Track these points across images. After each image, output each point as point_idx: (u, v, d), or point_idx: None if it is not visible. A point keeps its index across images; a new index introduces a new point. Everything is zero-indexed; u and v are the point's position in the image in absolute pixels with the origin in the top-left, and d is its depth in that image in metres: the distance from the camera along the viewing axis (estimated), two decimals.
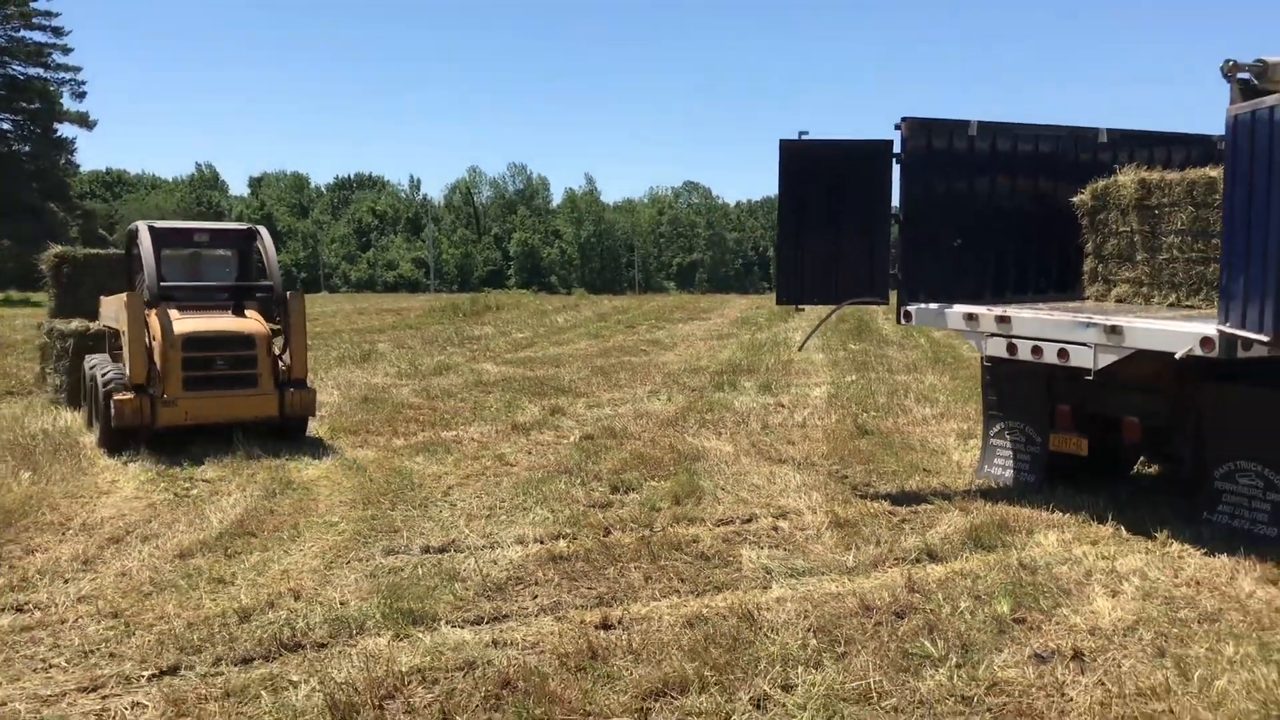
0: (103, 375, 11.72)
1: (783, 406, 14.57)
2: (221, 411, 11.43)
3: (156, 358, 11.27)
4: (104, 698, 5.15)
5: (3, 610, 6.40)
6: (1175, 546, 7.69)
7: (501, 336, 26.64)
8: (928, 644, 5.74)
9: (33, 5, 56.86)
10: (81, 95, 59.32)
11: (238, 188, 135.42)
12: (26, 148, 58.29)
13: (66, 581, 6.98)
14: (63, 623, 6.21)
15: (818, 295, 10.30)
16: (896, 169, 10.03)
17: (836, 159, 10.00)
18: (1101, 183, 9.89)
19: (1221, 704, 4.98)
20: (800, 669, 5.41)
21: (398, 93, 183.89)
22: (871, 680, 5.28)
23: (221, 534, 8.03)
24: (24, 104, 57.09)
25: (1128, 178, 9.59)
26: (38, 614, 6.38)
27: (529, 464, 10.80)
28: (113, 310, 12.82)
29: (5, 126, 58.49)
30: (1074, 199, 10.09)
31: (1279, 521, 7.79)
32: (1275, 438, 7.86)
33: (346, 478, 10.04)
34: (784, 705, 5.03)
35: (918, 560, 7.44)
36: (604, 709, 4.98)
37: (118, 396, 11.04)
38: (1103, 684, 5.28)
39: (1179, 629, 6.04)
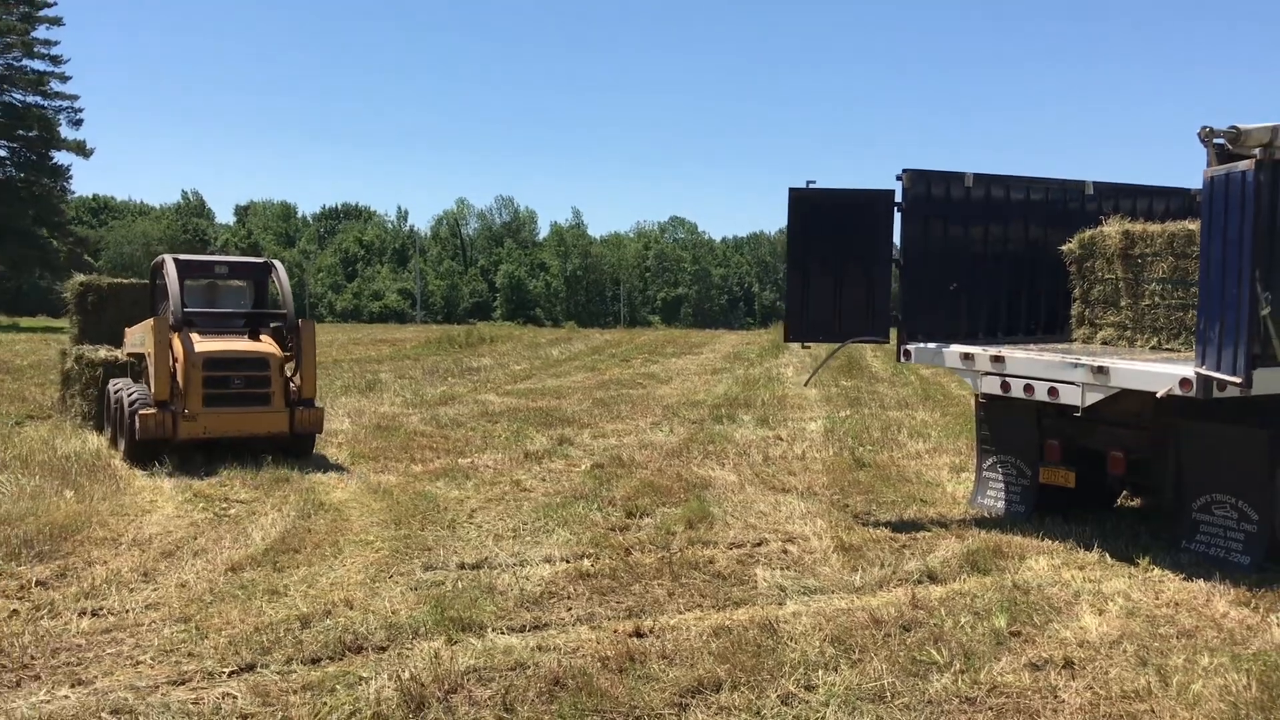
0: (128, 394, 12.79)
1: (781, 439, 15.17)
2: (236, 426, 12.51)
3: (179, 377, 12.18)
4: (194, 689, 5.68)
5: (81, 614, 6.91)
6: (1156, 571, 8.31)
7: (500, 368, 27.21)
8: (933, 652, 6.34)
9: (33, 35, 57.44)
10: (78, 123, 59.83)
11: (224, 216, 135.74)
12: (23, 174, 58.68)
13: (131, 590, 7.49)
14: (138, 626, 6.73)
15: (823, 334, 10.94)
16: (897, 216, 10.73)
17: (841, 206, 10.67)
18: (1088, 233, 10.58)
19: (1197, 705, 5.58)
20: (820, 672, 5.99)
21: (386, 124, 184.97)
22: (885, 682, 5.86)
23: (267, 550, 8.55)
24: (22, 131, 57.59)
25: (1113, 229, 10.28)
26: (112, 618, 6.90)
27: (545, 490, 11.36)
28: (138, 336, 13.82)
29: (2, 153, 58.96)
30: (1063, 247, 10.78)
31: (1251, 550, 8.42)
32: (1248, 473, 8.50)
33: (374, 500, 10.57)
34: (808, 703, 5.61)
35: (920, 581, 8.02)
36: (648, 704, 5.54)
37: (142, 411, 12.08)
38: (1091, 688, 5.88)
39: (1160, 643, 6.64)
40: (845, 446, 14.42)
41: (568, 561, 8.43)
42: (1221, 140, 7.80)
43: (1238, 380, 7.40)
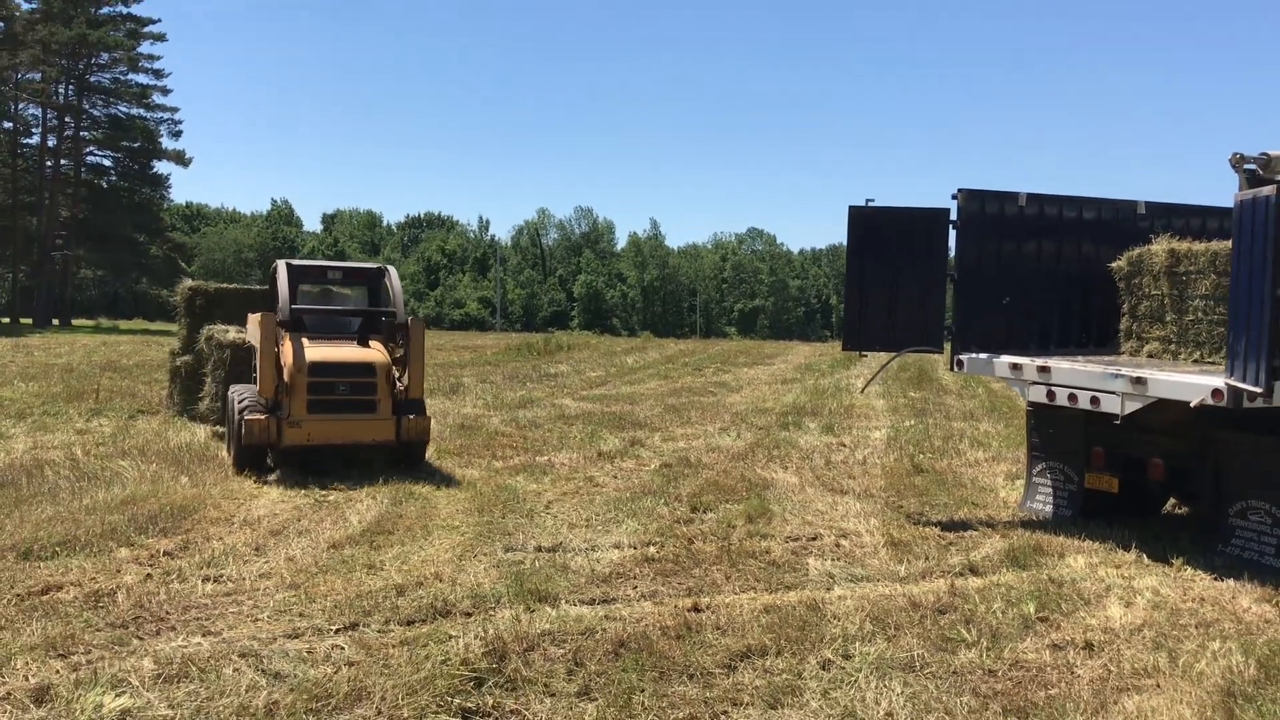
0: (239, 399, 12.75)
1: (844, 446, 15.78)
2: (342, 434, 12.30)
3: (286, 380, 12.26)
4: (306, 642, 6.54)
5: (204, 580, 7.85)
6: (1189, 571, 8.81)
7: (576, 375, 28.12)
8: (964, 631, 6.98)
9: (138, 50, 60.15)
10: (178, 134, 62.62)
11: (312, 224, 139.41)
12: (126, 183, 61.44)
13: (245, 562, 8.42)
14: (254, 591, 7.64)
15: (879, 343, 11.58)
16: (952, 233, 11.33)
17: (899, 223, 11.31)
18: (1137, 251, 11.07)
19: (1198, 682, 6.16)
20: (858, 644, 6.68)
21: (469, 135, 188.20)
22: (915, 654, 6.53)
23: (364, 531, 9.46)
24: (126, 142, 60.37)
25: (1160, 247, 10.76)
26: (230, 584, 7.82)
27: (616, 486, 12.15)
28: (253, 328, 13.89)
29: (107, 163, 61.83)
30: (1112, 264, 11.28)
31: None
32: None
33: (459, 491, 11.46)
34: (844, 668, 6.30)
35: (961, 574, 8.63)
36: (701, 665, 6.27)
37: (249, 416, 12.02)
38: (1105, 666, 6.48)
39: (1177, 631, 7.19)
40: (906, 453, 14.98)
41: (635, 548, 9.19)
42: (1252, 166, 8.31)
43: (1259, 390, 7.91)
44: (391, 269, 14.16)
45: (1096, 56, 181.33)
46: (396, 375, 12.86)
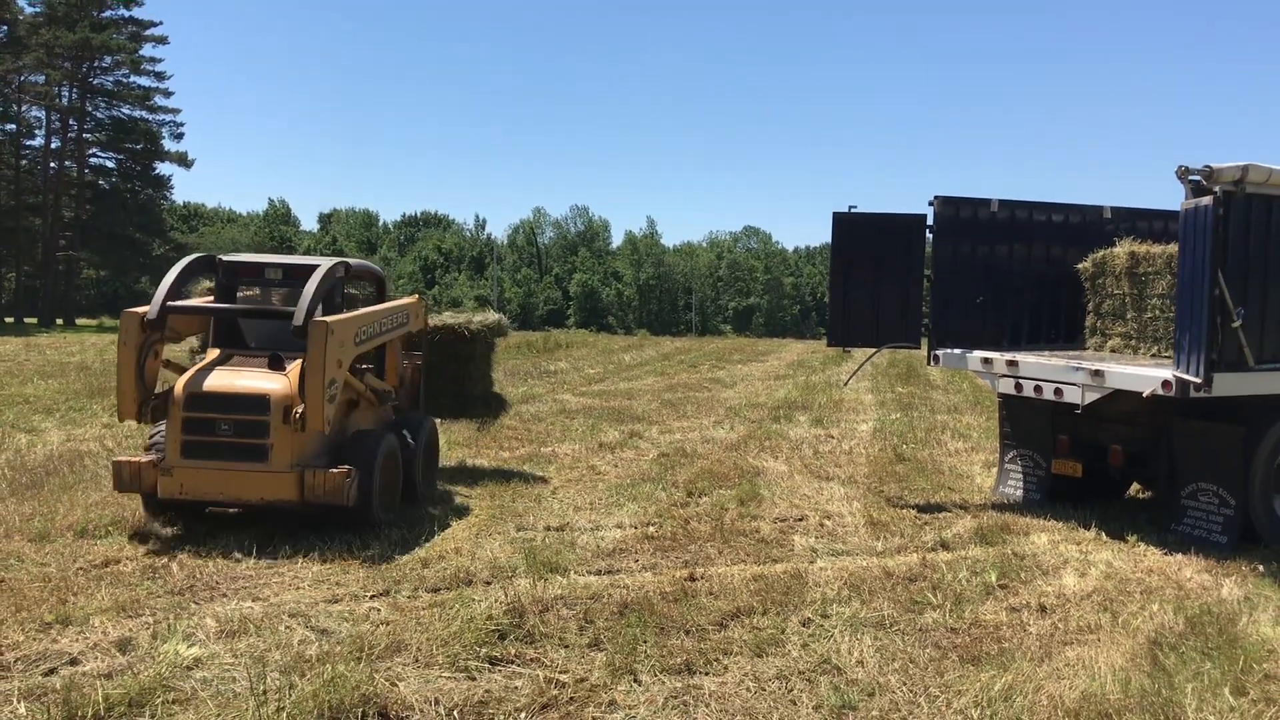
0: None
1: (832, 437, 16.63)
2: (222, 488, 9.22)
3: (170, 419, 9.39)
4: (346, 605, 7.37)
5: (248, 555, 8.66)
6: (1142, 547, 9.67)
7: (575, 371, 28.95)
8: (930, 596, 7.83)
9: (140, 53, 60.93)
10: (180, 136, 63.35)
11: (309, 223, 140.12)
12: (129, 184, 62.23)
13: (280, 539, 9.19)
14: (293, 564, 8.46)
15: (861, 339, 12.45)
16: (929, 236, 12.18)
17: (880, 228, 12.17)
18: (1101, 253, 11.90)
19: (1132, 635, 7.01)
20: (835, 605, 7.53)
21: (465, 134, 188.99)
22: (886, 614, 7.39)
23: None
24: (129, 144, 61.17)
25: (1121, 249, 11.60)
26: (270, 559, 8.64)
27: (617, 474, 12.98)
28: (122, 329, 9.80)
29: (110, 165, 62.61)
30: (1078, 265, 12.12)
31: (1229, 531, 9.73)
32: (1228, 464, 9.81)
33: (471, 478, 12.28)
34: (822, 625, 7.14)
35: (932, 549, 9.48)
36: (696, 622, 7.11)
37: (119, 457, 9.69)
38: (1054, 624, 7.33)
39: (1123, 596, 8.05)
40: (890, 444, 15.82)
41: (635, 528, 10.03)
42: (1196, 177, 9.13)
43: (1199, 381, 8.77)
44: (353, 261, 10.58)
45: (1089, 54, 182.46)
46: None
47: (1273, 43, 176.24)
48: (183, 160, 62.72)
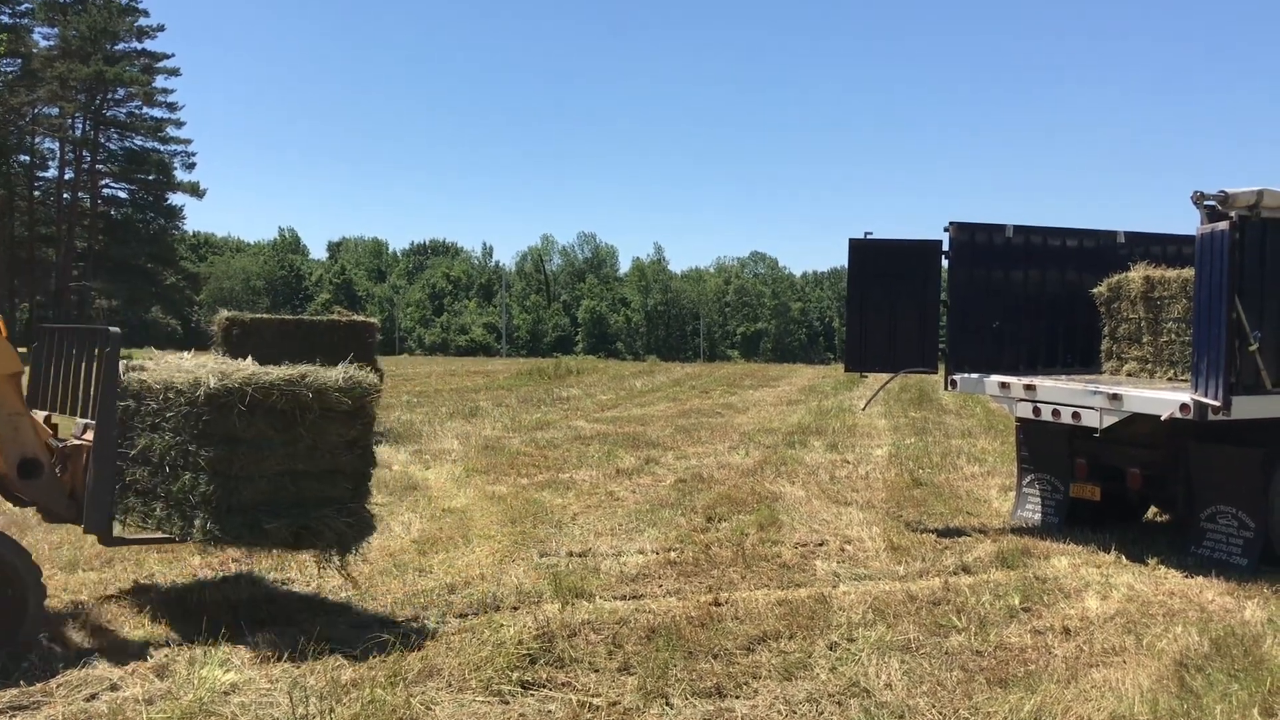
0: None
1: (848, 462, 16.68)
2: None
3: None
4: (377, 632, 7.45)
5: (278, 583, 8.75)
6: (1163, 570, 9.70)
7: (588, 398, 29.05)
8: (955, 619, 7.88)
9: (153, 85, 61.56)
10: (192, 166, 64.00)
11: (317, 252, 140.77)
12: (141, 214, 62.73)
13: (309, 567, 9.28)
14: (322, 590, 8.55)
15: (878, 365, 12.52)
16: (945, 262, 12.29)
17: (895, 254, 12.28)
18: (1116, 278, 11.99)
19: (1158, 657, 7.06)
20: (861, 629, 7.58)
21: (473, 162, 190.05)
22: (912, 637, 7.43)
23: (411, 541, 10.37)
24: (141, 175, 61.70)
25: (1136, 274, 11.70)
26: (299, 587, 8.73)
27: (635, 499, 13.05)
28: None
29: (123, 195, 63.16)
30: (1094, 290, 12.21)
31: (1249, 554, 9.76)
32: (1247, 486, 9.86)
33: (491, 505, 12.36)
34: (849, 649, 7.20)
35: (954, 573, 9.53)
36: (723, 647, 7.17)
37: None
38: (1079, 646, 7.38)
39: (1146, 619, 8.09)
40: (906, 469, 15.88)
41: (657, 553, 10.09)
42: (1212, 202, 9.23)
43: (1217, 404, 8.84)
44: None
45: (1102, 77, 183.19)
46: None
47: None
48: (195, 190, 63.32)
